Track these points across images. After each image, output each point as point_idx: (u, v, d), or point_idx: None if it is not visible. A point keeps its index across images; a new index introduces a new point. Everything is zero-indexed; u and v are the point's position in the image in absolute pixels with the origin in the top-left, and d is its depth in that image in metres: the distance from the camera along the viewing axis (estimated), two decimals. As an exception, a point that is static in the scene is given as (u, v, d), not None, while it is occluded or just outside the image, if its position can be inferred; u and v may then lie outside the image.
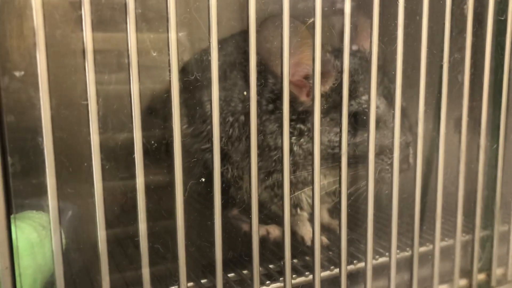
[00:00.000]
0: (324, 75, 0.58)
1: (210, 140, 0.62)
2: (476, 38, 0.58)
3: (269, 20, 0.55)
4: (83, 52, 0.39)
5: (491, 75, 0.60)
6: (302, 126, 0.61)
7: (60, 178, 0.39)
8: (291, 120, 0.61)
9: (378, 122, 0.60)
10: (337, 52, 0.60)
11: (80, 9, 0.39)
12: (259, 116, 0.62)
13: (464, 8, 0.57)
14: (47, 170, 0.39)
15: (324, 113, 0.60)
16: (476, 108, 0.60)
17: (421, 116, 0.55)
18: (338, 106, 0.52)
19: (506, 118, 0.62)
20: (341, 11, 0.50)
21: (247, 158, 0.64)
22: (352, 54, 0.64)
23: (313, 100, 0.50)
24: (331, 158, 0.60)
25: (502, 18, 0.59)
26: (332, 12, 0.57)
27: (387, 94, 0.61)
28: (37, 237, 0.46)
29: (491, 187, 0.64)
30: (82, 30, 0.39)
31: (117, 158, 0.44)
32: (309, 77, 0.60)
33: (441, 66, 0.56)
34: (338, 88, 0.52)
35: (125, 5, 0.40)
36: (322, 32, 0.49)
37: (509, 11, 0.59)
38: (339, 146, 0.52)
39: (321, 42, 0.49)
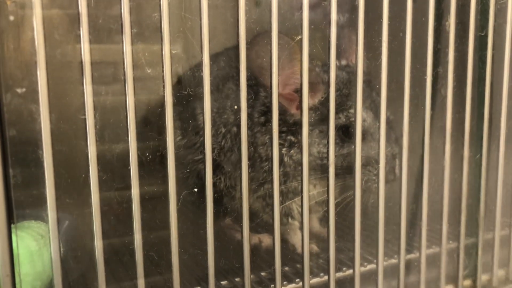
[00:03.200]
0: (312, 88, 0.61)
1: (203, 151, 0.64)
2: (458, 53, 0.60)
3: (259, 36, 0.57)
4: (81, 67, 0.41)
5: (473, 88, 0.62)
6: (292, 138, 0.63)
7: (59, 189, 0.41)
8: (281, 131, 0.63)
9: (365, 134, 0.62)
10: (326, 67, 0.63)
11: (79, 28, 0.41)
12: (250, 128, 0.64)
13: (446, 25, 0.59)
14: (46, 181, 0.41)
15: (313, 125, 0.63)
16: (460, 119, 0.62)
17: (405, 128, 0.58)
18: (326, 119, 0.54)
19: (488, 129, 0.64)
20: (328, 28, 0.53)
21: (239, 169, 0.66)
22: (340, 68, 0.66)
23: (301, 113, 0.52)
24: (320, 169, 0.62)
25: (483, 34, 0.62)
26: (320, 28, 0.59)
27: (374, 108, 0.64)
28: (36, 245, 0.48)
29: (475, 196, 0.66)
30: (80, 47, 0.41)
31: (113, 169, 0.46)
32: (299, 91, 0.62)
33: (425, 80, 0.58)
34: (326, 102, 0.54)
35: (121, 24, 0.42)
36: (310, 47, 0.52)
37: (489, 27, 0.62)
38: (327, 157, 0.54)
39: (310, 57, 0.52)
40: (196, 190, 0.48)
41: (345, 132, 0.62)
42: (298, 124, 0.63)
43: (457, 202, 0.64)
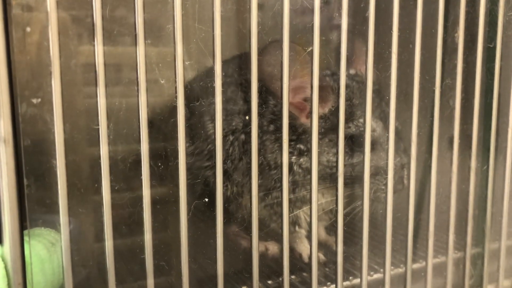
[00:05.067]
0: (322, 98, 0.61)
1: (211, 158, 0.64)
2: (466, 65, 0.61)
3: (270, 45, 0.57)
4: (95, 76, 0.42)
5: (481, 99, 0.63)
6: (302, 146, 0.64)
7: (71, 198, 0.42)
8: (290, 140, 0.63)
9: (374, 144, 0.62)
10: (336, 76, 0.63)
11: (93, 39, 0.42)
12: (259, 136, 0.64)
13: (455, 37, 0.60)
14: (59, 191, 0.42)
15: (323, 134, 0.63)
16: (467, 130, 0.62)
17: (414, 138, 0.58)
18: (336, 128, 0.55)
19: (496, 140, 0.64)
20: (339, 38, 0.53)
21: (247, 176, 0.67)
22: (350, 78, 0.67)
23: (311, 122, 0.53)
24: (329, 178, 0.62)
25: (491, 46, 0.62)
26: (330, 39, 0.60)
27: (383, 118, 0.64)
28: (47, 253, 0.48)
29: (482, 206, 0.66)
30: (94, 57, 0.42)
31: (126, 179, 0.46)
32: (308, 99, 0.62)
33: (433, 91, 0.59)
34: (336, 111, 0.54)
35: (135, 36, 0.43)
36: (321, 58, 0.52)
37: (498, 39, 0.62)
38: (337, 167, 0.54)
39: (320, 67, 0.52)
40: (206, 199, 0.48)
41: (355, 142, 0.63)
42: (308, 132, 0.63)
43: (464, 212, 0.65)
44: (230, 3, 0.45)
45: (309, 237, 0.62)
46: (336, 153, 0.54)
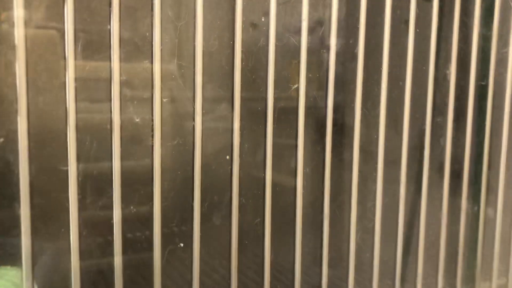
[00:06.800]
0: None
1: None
2: (458, 102, 0.59)
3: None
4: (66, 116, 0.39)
5: (473, 138, 0.61)
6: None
7: (36, 240, 0.39)
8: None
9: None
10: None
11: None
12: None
13: (446, 74, 0.58)
14: (22, 236, 0.39)
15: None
16: (458, 170, 0.60)
17: (403, 179, 0.56)
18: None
19: (487, 180, 0.62)
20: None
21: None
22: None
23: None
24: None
25: (484, 83, 0.60)
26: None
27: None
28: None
29: (472, 248, 0.64)
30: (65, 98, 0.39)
31: (95, 225, 0.43)
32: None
33: (424, 130, 0.57)
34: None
35: (110, 82, 0.40)
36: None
37: (490, 76, 0.61)
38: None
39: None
40: (182, 244, 0.45)
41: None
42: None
43: (454, 254, 0.62)
44: (212, 38, 0.43)
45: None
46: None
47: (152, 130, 0.43)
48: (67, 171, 0.40)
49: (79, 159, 0.40)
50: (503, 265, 0.69)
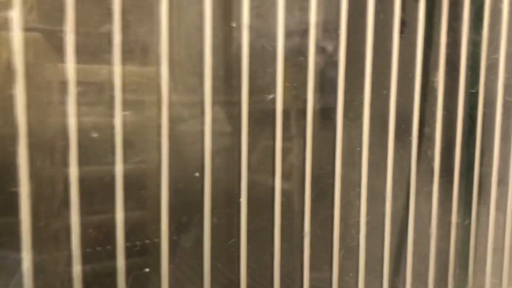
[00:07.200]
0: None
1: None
2: (447, 112, 0.56)
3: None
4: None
5: (463, 149, 0.58)
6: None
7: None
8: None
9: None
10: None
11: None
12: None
13: (434, 81, 0.55)
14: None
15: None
16: (448, 183, 0.57)
17: (388, 194, 0.52)
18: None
19: (478, 194, 0.59)
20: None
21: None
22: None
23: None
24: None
25: (473, 91, 0.57)
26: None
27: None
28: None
29: (463, 265, 0.61)
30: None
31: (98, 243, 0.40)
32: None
33: (410, 141, 0.53)
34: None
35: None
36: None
37: (480, 83, 0.58)
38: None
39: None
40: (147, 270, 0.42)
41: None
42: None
43: (444, 271, 0.59)
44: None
45: None
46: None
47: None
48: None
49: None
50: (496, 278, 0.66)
